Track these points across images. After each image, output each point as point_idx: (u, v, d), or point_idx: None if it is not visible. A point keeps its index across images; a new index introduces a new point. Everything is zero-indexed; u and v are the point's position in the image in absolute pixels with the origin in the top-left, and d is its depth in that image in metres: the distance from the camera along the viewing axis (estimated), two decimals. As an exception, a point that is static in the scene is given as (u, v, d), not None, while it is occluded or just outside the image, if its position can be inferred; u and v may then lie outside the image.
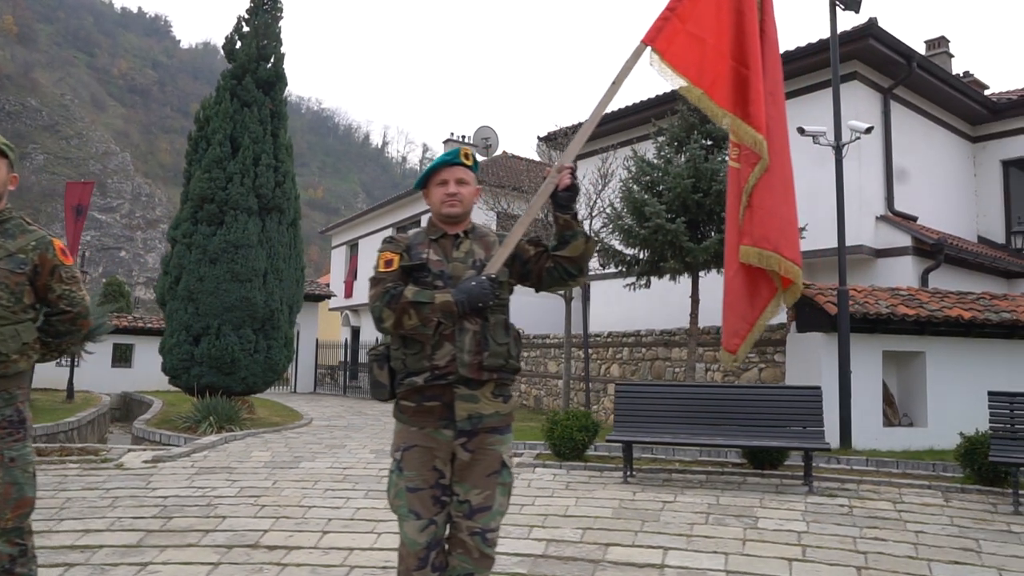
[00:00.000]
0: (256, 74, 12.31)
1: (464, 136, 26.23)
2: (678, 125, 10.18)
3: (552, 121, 63.18)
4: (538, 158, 20.49)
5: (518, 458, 7.81)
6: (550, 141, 15.82)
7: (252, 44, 12.40)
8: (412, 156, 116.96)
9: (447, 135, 27.22)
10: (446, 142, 26.73)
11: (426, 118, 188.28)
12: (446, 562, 2.48)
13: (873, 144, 12.04)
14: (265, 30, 12.56)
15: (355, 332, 26.67)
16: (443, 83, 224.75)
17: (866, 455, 8.07)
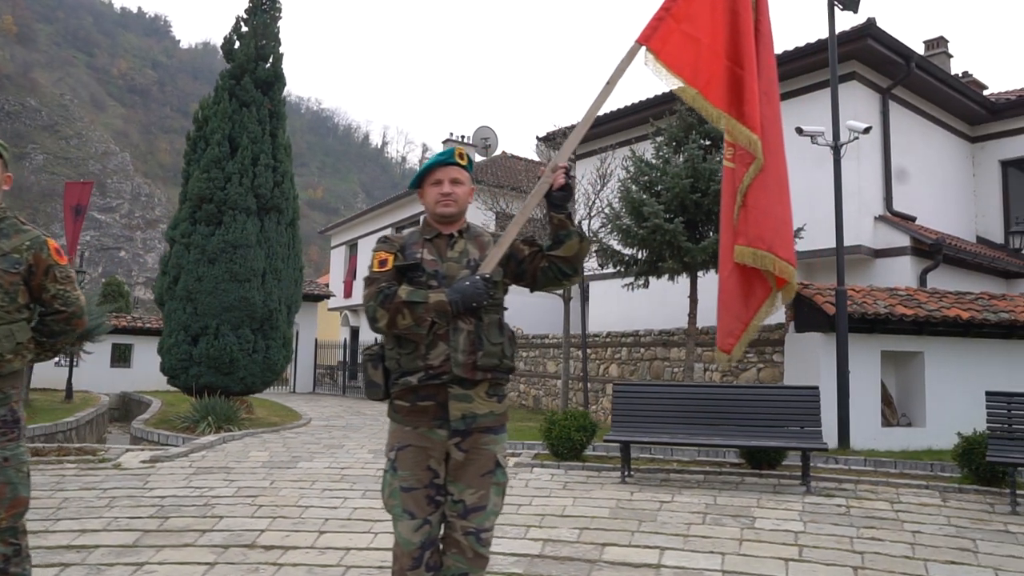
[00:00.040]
0: (255, 74, 12.32)
1: (463, 136, 26.23)
2: (676, 125, 10.18)
3: (551, 121, 63.23)
4: (537, 158, 20.47)
5: (516, 458, 7.81)
6: (549, 141, 15.83)
7: (251, 44, 12.40)
8: (412, 156, 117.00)
9: (446, 135, 27.23)
10: (445, 142, 26.70)
11: (426, 118, 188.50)
12: (440, 562, 2.48)
13: (872, 144, 12.05)
14: (264, 30, 12.57)
15: (354, 332, 26.66)
16: (443, 83, 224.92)
17: (864, 455, 8.07)
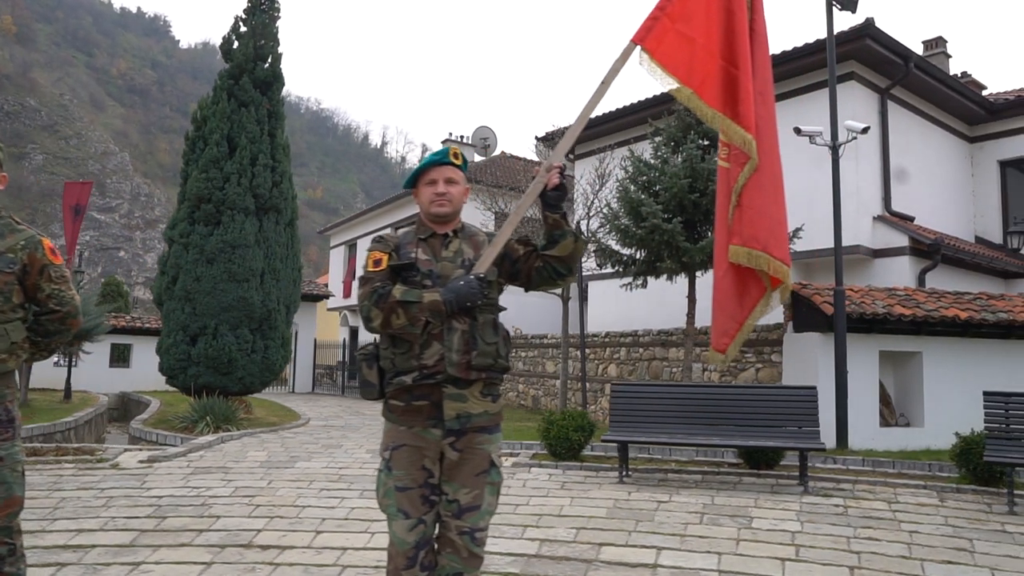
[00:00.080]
0: (253, 74, 12.32)
1: (462, 136, 26.24)
2: (675, 125, 10.19)
3: (550, 121, 63.14)
4: (536, 158, 20.48)
5: (514, 458, 7.81)
6: (548, 141, 15.83)
7: (249, 44, 12.40)
8: (411, 156, 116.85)
9: (446, 135, 27.23)
10: (444, 142, 26.71)
11: (425, 118, 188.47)
12: (435, 561, 2.48)
13: (870, 144, 12.05)
14: (262, 30, 12.57)
15: (353, 332, 26.66)
16: (442, 83, 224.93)
17: (862, 455, 8.07)
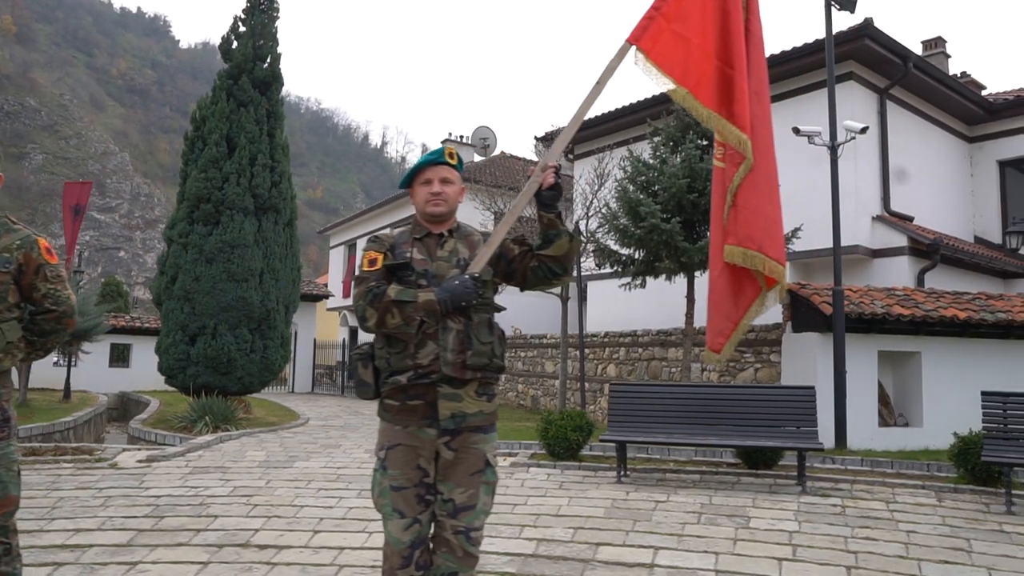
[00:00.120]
0: (252, 74, 12.32)
1: (462, 136, 26.24)
2: (674, 125, 10.19)
3: (550, 121, 63.20)
4: (536, 158, 20.49)
5: (513, 458, 7.82)
6: (547, 141, 15.85)
7: (248, 44, 12.40)
8: (411, 156, 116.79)
9: (445, 135, 27.24)
10: (444, 142, 26.72)
11: (425, 118, 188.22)
12: (430, 560, 2.48)
13: (869, 144, 12.05)
14: (261, 30, 12.57)
15: (353, 332, 26.65)
16: (442, 83, 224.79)
17: (861, 455, 8.08)
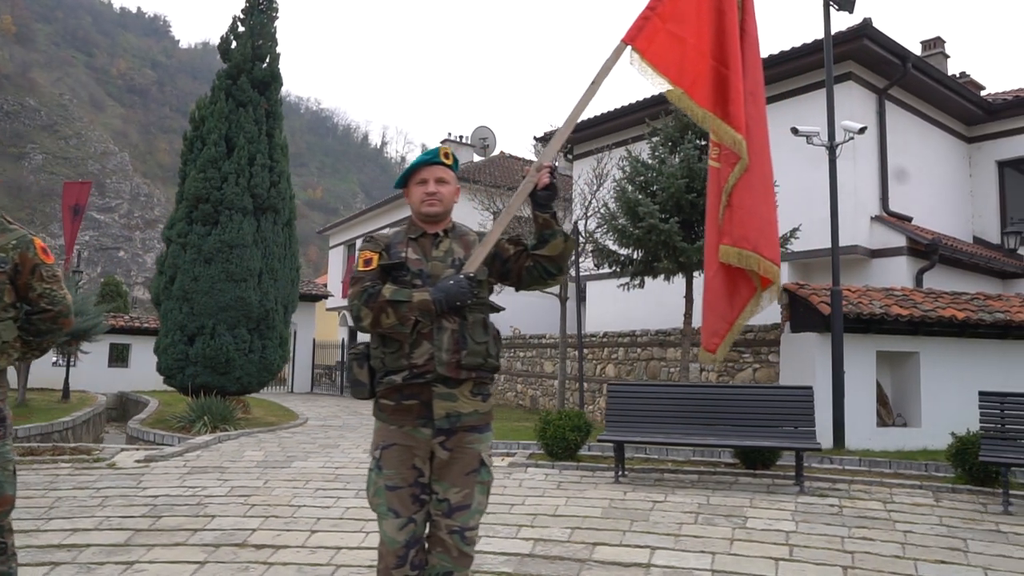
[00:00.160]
0: (251, 74, 12.32)
1: (461, 136, 26.25)
2: (672, 125, 10.19)
3: (549, 121, 63.18)
4: (535, 158, 20.49)
5: (511, 458, 7.83)
6: (546, 141, 15.83)
7: (247, 44, 12.40)
8: (411, 156, 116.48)
9: (445, 135, 27.24)
10: (443, 142, 26.73)
11: (425, 118, 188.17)
12: (425, 560, 2.49)
13: (868, 144, 12.05)
14: (260, 30, 12.57)
15: (352, 332, 26.61)
16: (442, 83, 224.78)
17: (859, 455, 8.08)
